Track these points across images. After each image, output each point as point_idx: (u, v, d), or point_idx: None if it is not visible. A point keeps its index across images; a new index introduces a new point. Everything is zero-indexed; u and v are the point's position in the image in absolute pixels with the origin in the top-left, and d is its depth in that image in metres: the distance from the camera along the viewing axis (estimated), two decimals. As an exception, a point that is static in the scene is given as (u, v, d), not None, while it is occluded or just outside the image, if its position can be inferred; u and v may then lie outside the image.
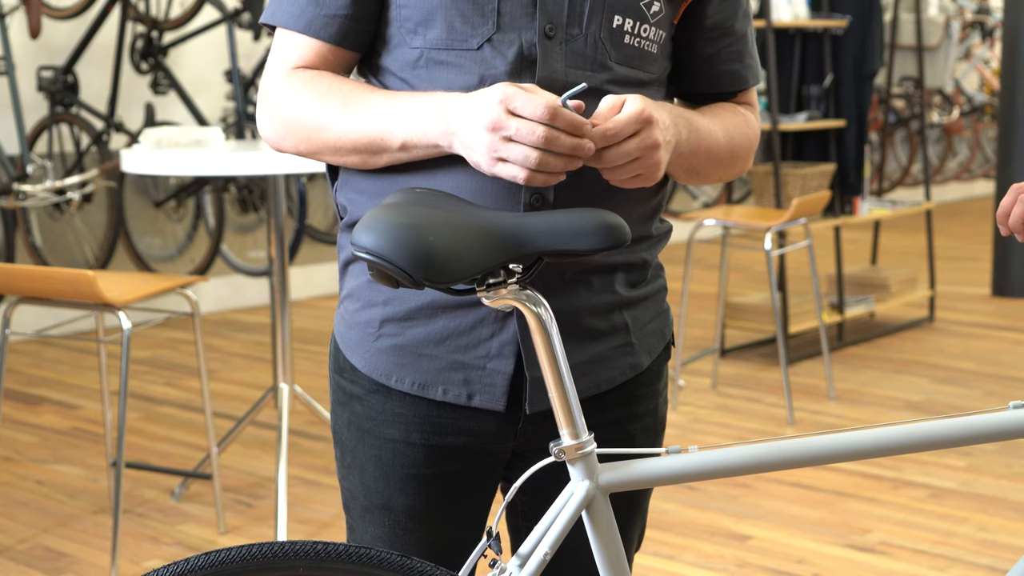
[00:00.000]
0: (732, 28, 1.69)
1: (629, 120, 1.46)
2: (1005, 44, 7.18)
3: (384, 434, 1.64)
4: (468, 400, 1.61)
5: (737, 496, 4.02)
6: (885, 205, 6.38)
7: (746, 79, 1.72)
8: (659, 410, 1.74)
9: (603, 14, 1.57)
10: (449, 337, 1.60)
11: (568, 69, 1.56)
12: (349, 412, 1.67)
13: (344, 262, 1.69)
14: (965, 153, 11.35)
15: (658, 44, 1.62)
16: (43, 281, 3.39)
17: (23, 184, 5.82)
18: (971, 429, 1.47)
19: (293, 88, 1.60)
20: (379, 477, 1.65)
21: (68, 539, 3.71)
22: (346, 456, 1.69)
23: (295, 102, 1.59)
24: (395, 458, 1.64)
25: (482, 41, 1.55)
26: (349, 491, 1.70)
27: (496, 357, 1.60)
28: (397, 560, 1.46)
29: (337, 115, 1.56)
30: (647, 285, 1.69)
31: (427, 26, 1.56)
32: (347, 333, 1.67)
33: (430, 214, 1.43)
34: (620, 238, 1.43)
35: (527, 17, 1.55)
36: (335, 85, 1.58)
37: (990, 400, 5.07)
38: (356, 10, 1.60)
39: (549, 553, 1.46)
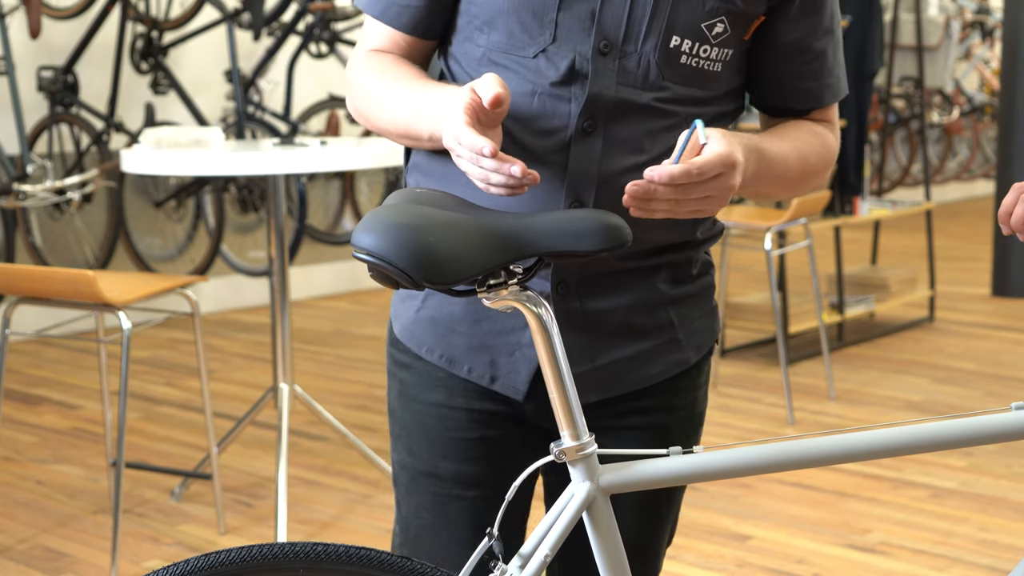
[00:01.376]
0: (809, 47, 1.66)
1: (715, 162, 1.44)
2: (1005, 44, 7.18)
3: (429, 399, 1.68)
4: (491, 383, 1.65)
5: (737, 496, 4.01)
6: (885, 205, 6.38)
7: (821, 97, 1.69)
8: (698, 405, 1.77)
9: (660, 34, 1.57)
10: (484, 320, 1.64)
11: (619, 87, 1.57)
12: (399, 382, 1.72)
13: None
14: (965, 153, 11.35)
15: (723, 63, 1.61)
16: (43, 281, 3.39)
17: (23, 184, 5.82)
18: (973, 430, 1.47)
19: (361, 70, 1.68)
20: (424, 442, 1.68)
21: (68, 539, 3.71)
22: (395, 426, 1.73)
23: (360, 84, 1.68)
24: (439, 422, 1.67)
25: (538, 51, 1.58)
26: (398, 463, 1.73)
27: (527, 346, 1.62)
28: (397, 561, 1.46)
29: (384, 101, 1.64)
30: (693, 283, 1.70)
31: (491, 28, 1.61)
32: (399, 306, 1.73)
33: (430, 214, 1.43)
34: (621, 239, 1.43)
35: (583, 32, 1.57)
36: (390, 71, 1.65)
37: (990, 400, 5.07)
38: (429, 1, 1.65)
39: (550, 555, 1.46)
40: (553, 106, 1.58)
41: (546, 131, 1.58)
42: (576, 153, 1.57)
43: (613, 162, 1.58)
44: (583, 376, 1.61)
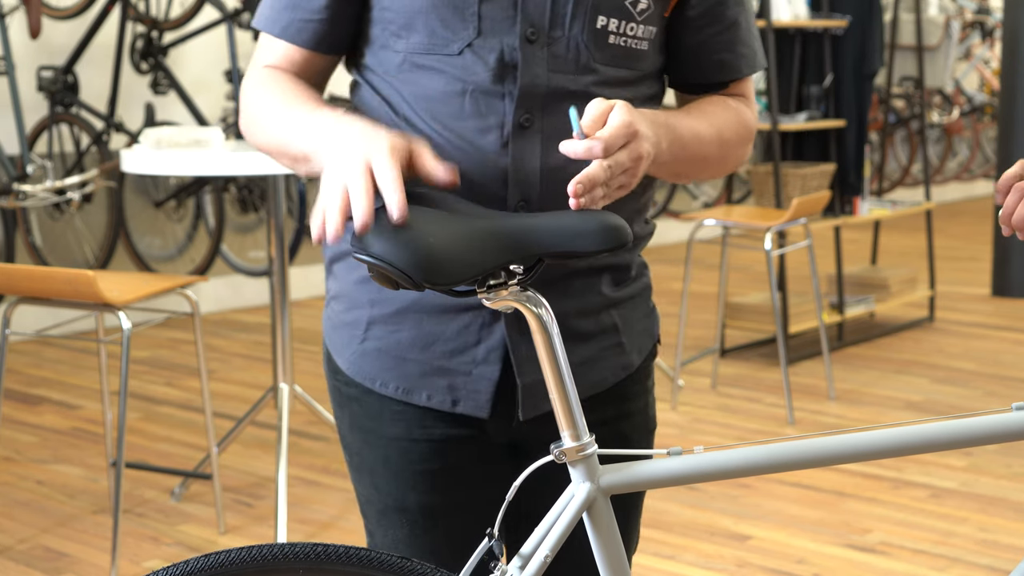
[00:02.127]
0: (722, 15, 1.64)
1: (620, 132, 1.41)
2: (1005, 44, 7.18)
3: (387, 433, 1.63)
4: (452, 407, 1.60)
5: (737, 496, 4.01)
6: (885, 205, 6.38)
7: (738, 68, 1.67)
8: (650, 408, 1.75)
9: (586, 15, 1.54)
10: (436, 342, 1.59)
11: (551, 74, 1.54)
12: (349, 413, 1.66)
13: (329, 260, 1.68)
14: (965, 153, 11.35)
15: (648, 40, 1.59)
16: (43, 281, 3.39)
17: (23, 184, 5.82)
18: (973, 430, 1.47)
19: (253, 87, 1.62)
20: (389, 478, 1.63)
21: (68, 539, 3.71)
22: (354, 459, 1.68)
23: (249, 98, 1.61)
24: (402, 456, 1.62)
25: (463, 46, 1.53)
26: (363, 495, 1.68)
27: (482, 363, 1.59)
28: (397, 562, 1.46)
29: (273, 123, 1.57)
30: (632, 284, 1.68)
31: (410, 30, 1.55)
32: (334, 335, 1.66)
33: (430, 215, 1.43)
34: (622, 239, 1.43)
35: (508, 21, 1.52)
36: (284, 90, 1.59)
37: (990, 400, 5.07)
38: (333, 14, 1.59)
39: (550, 555, 1.45)
40: (487, 103, 1.53)
41: (483, 130, 1.54)
42: (516, 150, 1.54)
43: (555, 155, 1.53)
44: (534, 385, 1.59)
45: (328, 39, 1.61)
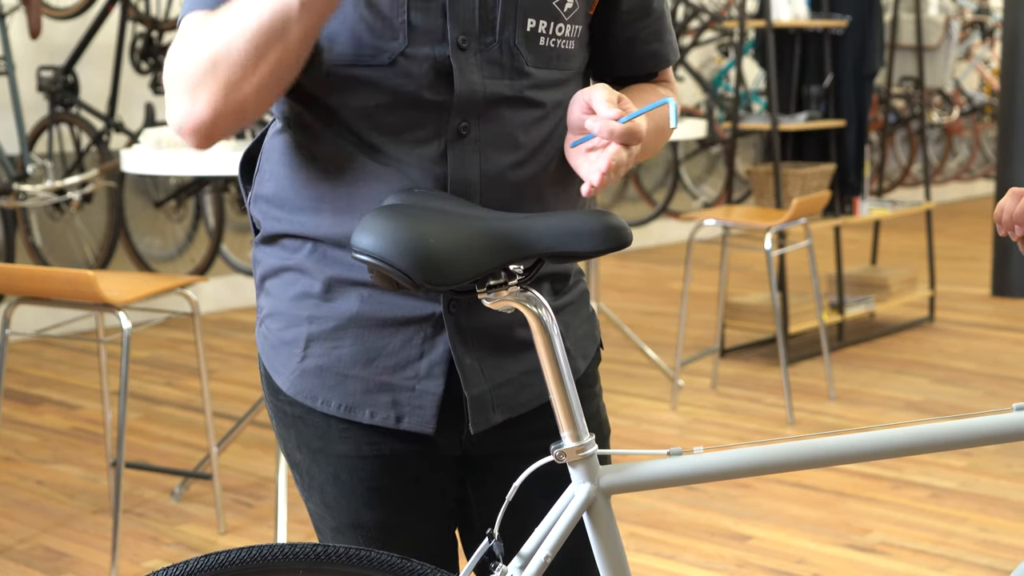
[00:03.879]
0: (650, 8, 1.65)
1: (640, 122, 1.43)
2: (1005, 44, 7.18)
3: (336, 451, 1.58)
4: (396, 423, 1.56)
5: (737, 496, 4.01)
6: (885, 205, 6.38)
7: (667, 57, 1.70)
8: (601, 413, 1.73)
9: (516, 19, 1.52)
10: (377, 358, 1.55)
11: (486, 80, 1.51)
12: (295, 433, 1.61)
13: (261, 278, 1.62)
14: (965, 153, 11.34)
15: (575, 40, 1.58)
16: (43, 281, 3.39)
17: (23, 184, 5.82)
18: (973, 431, 1.47)
19: (184, 43, 1.46)
20: (340, 496, 1.60)
21: (68, 539, 3.71)
22: (303, 478, 1.63)
23: (188, 51, 1.44)
24: (352, 474, 1.58)
25: (394, 56, 1.48)
26: (316, 514, 1.64)
27: (425, 378, 1.55)
28: (397, 562, 1.46)
29: (230, 22, 1.41)
30: (571, 291, 1.67)
31: (333, 41, 1.48)
32: (272, 354, 1.61)
33: (430, 216, 1.43)
34: (622, 239, 1.43)
35: (438, 30, 1.49)
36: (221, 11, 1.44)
37: (990, 400, 5.07)
38: None
39: (550, 556, 1.45)
40: (422, 114, 1.50)
41: (419, 141, 1.50)
42: (454, 159, 1.50)
43: (492, 163, 1.52)
44: (481, 397, 1.56)
45: None
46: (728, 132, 6.62)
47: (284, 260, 1.58)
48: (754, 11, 6.44)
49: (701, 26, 8.76)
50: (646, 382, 5.35)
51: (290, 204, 1.56)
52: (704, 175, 9.46)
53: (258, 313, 1.65)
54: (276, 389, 1.61)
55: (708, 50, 9.39)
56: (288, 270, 1.58)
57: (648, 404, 5.03)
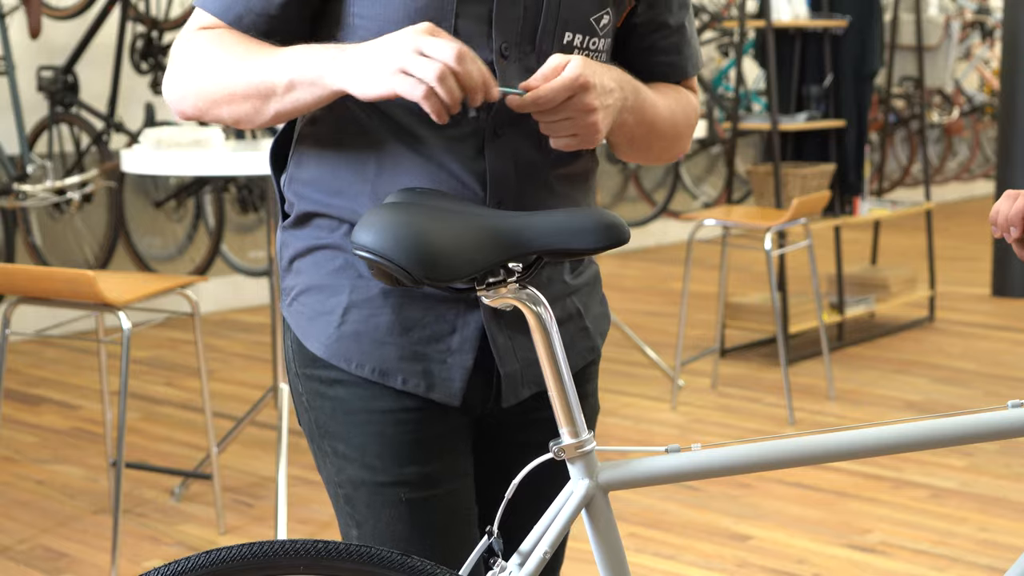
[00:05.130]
0: (665, 22, 1.70)
1: (562, 86, 1.47)
2: (1005, 44, 7.18)
3: (380, 407, 1.62)
4: (427, 391, 1.61)
5: (737, 496, 4.01)
6: (885, 205, 6.38)
7: (684, 70, 1.74)
8: (597, 391, 1.80)
9: (555, 32, 1.58)
10: (413, 328, 1.60)
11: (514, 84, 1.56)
12: (331, 400, 1.64)
13: (290, 259, 1.67)
14: (965, 153, 11.35)
15: (606, 53, 1.65)
16: (43, 281, 3.39)
17: (23, 184, 5.82)
18: (970, 428, 1.47)
19: (200, 43, 1.56)
20: (384, 451, 1.62)
21: (68, 539, 3.71)
22: (338, 447, 1.65)
23: (199, 54, 1.56)
24: (399, 427, 1.62)
25: None
26: (352, 482, 1.64)
27: (456, 352, 1.60)
28: (398, 559, 1.46)
29: (236, 62, 1.53)
30: (587, 272, 1.74)
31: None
32: (307, 326, 1.65)
33: (430, 213, 1.43)
34: (620, 237, 1.44)
35: (483, 36, 1.55)
36: (242, 39, 1.55)
37: (990, 400, 5.07)
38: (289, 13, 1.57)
39: (549, 552, 1.46)
40: (462, 115, 1.55)
41: (459, 138, 1.56)
42: (491, 156, 1.57)
43: (525, 161, 1.59)
44: (513, 374, 1.63)
45: (282, 34, 1.57)
46: (728, 132, 6.63)
47: (318, 240, 1.63)
48: (754, 11, 6.44)
49: (701, 26, 8.76)
50: (646, 382, 5.35)
51: (328, 186, 1.61)
52: (704, 175, 9.46)
53: (285, 295, 1.68)
54: (311, 358, 1.64)
55: (708, 50, 9.40)
56: (323, 248, 1.63)
57: (648, 404, 5.03)
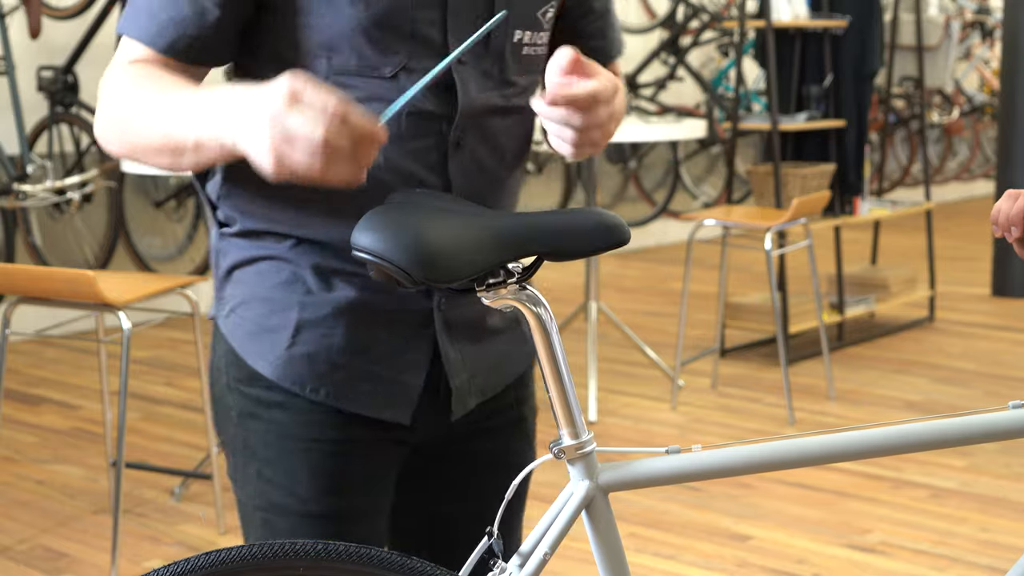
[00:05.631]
0: (591, 7, 1.70)
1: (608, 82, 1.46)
2: (1005, 44, 7.18)
3: (321, 435, 1.57)
4: (379, 411, 1.57)
5: (737, 496, 4.02)
6: (885, 205, 6.38)
7: (609, 53, 1.74)
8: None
9: (506, 33, 1.56)
10: (368, 348, 1.56)
11: (483, 92, 1.56)
12: (267, 423, 1.57)
13: (228, 268, 1.61)
14: (965, 153, 11.34)
15: (546, 45, 1.63)
16: (43, 281, 3.39)
17: (23, 184, 5.82)
18: (971, 429, 1.47)
19: (123, 84, 1.48)
20: (318, 484, 1.57)
21: (68, 539, 3.71)
22: (265, 471, 1.58)
23: (121, 98, 1.47)
24: (335, 457, 1.57)
25: (396, 70, 1.50)
26: (273, 508, 1.58)
27: (410, 369, 1.58)
28: (397, 560, 1.46)
29: (151, 113, 1.44)
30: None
31: (331, 51, 1.49)
32: (249, 342, 1.57)
33: (430, 213, 1.43)
34: (620, 238, 1.43)
35: (441, 44, 1.51)
36: (161, 81, 1.46)
37: (990, 400, 5.07)
38: (225, 26, 1.49)
39: (549, 553, 1.45)
40: (425, 125, 1.52)
41: (420, 150, 1.53)
42: (455, 168, 1.55)
43: (486, 168, 1.58)
44: (462, 386, 1.61)
45: (217, 53, 1.51)
46: (728, 132, 6.63)
47: (263, 250, 1.57)
48: (754, 11, 6.44)
49: (701, 26, 8.76)
50: (646, 382, 5.35)
51: (274, 203, 1.54)
52: (704, 175, 9.46)
53: (221, 304, 1.61)
54: (252, 376, 1.57)
55: (708, 50, 9.40)
56: (268, 259, 1.57)
57: (648, 404, 5.03)
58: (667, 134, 5.58)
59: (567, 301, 6.18)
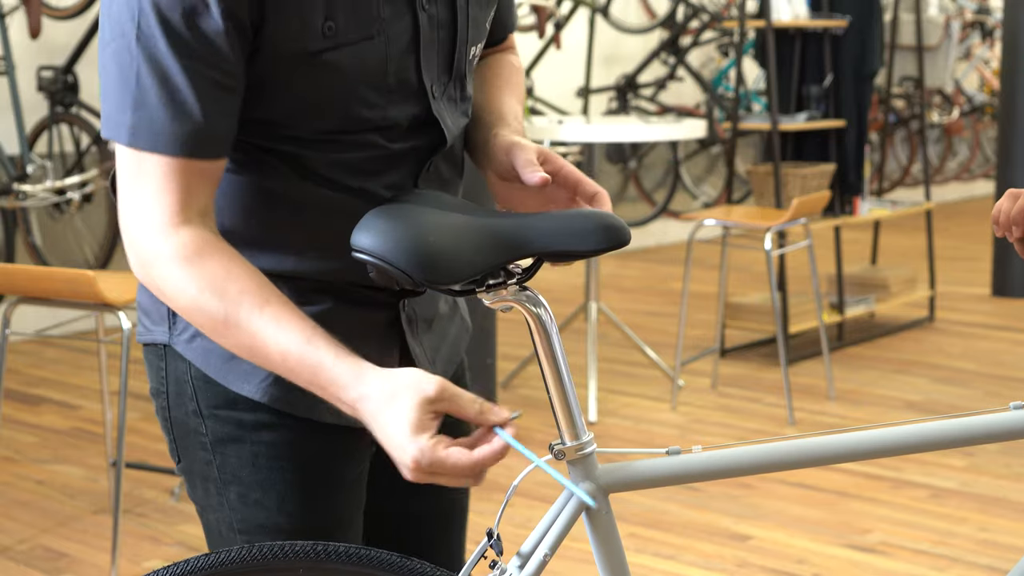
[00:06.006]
0: None
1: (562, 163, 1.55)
2: (1005, 44, 7.18)
3: (310, 451, 1.56)
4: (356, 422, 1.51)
5: (737, 496, 4.01)
6: (885, 205, 6.38)
7: (512, 25, 1.77)
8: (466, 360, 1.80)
9: (464, 53, 1.56)
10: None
11: (454, 123, 1.56)
12: (254, 445, 1.54)
13: None
14: (965, 153, 11.34)
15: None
16: (43, 281, 3.39)
17: (23, 184, 5.82)
18: (972, 430, 1.47)
19: (182, 284, 1.40)
20: (307, 499, 1.55)
21: (68, 539, 3.71)
22: (250, 495, 1.55)
23: (173, 288, 1.42)
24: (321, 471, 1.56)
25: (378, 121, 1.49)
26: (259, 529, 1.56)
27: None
28: (397, 561, 1.46)
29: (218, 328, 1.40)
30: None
31: (320, 114, 1.47)
32: (225, 366, 1.53)
33: (430, 214, 1.43)
34: (621, 238, 1.43)
35: (418, 85, 1.51)
36: (218, 287, 1.39)
37: (990, 400, 5.07)
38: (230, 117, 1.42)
39: (549, 554, 1.45)
40: (402, 158, 1.53)
41: (395, 182, 1.53)
42: (422, 187, 1.56)
43: (446, 179, 1.60)
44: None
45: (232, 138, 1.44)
46: (728, 132, 6.63)
47: None
48: (754, 11, 6.44)
49: (701, 26, 8.76)
50: (646, 382, 5.35)
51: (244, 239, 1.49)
52: (704, 175, 9.46)
53: (178, 329, 1.55)
54: (231, 400, 1.54)
55: (708, 50, 9.40)
56: None
57: (648, 404, 5.03)
58: (667, 134, 5.58)
59: (567, 301, 6.18)
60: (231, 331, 1.39)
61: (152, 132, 1.38)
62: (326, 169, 1.49)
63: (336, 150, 1.49)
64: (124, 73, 1.38)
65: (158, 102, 1.37)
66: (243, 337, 1.39)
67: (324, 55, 1.42)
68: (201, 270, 1.40)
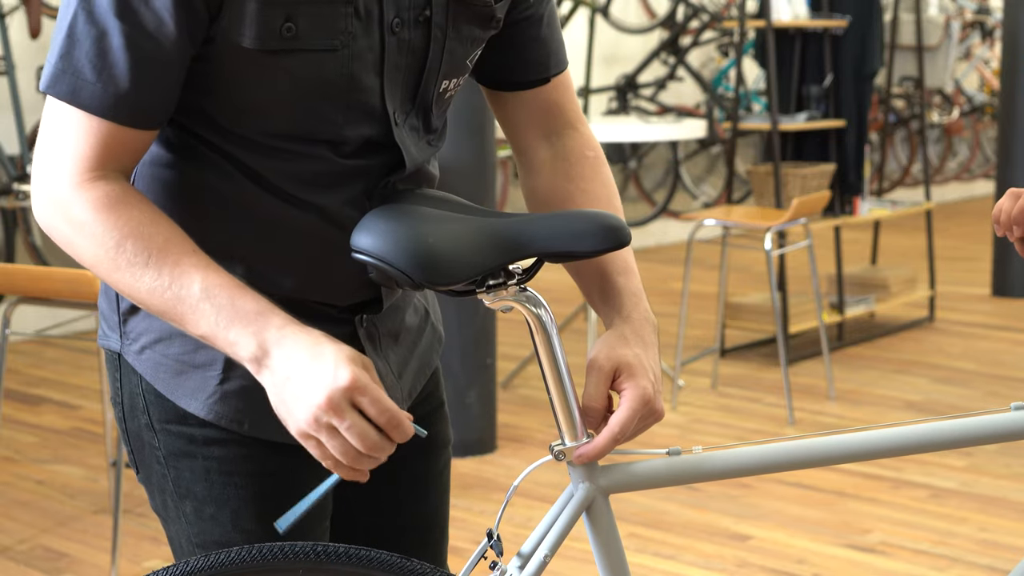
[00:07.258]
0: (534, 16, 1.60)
1: (633, 416, 1.45)
2: (1005, 44, 7.18)
3: (262, 468, 1.52)
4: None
5: (737, 496, 4.01)
6: (885, 205, 6.38)
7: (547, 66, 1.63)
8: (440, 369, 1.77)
9: (434, 85, 1.52)
10: None
11: (417, 152, 1.52)
12: (206, 461, 1.50)
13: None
14: (965, 153, 11.34)
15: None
16: (43, 281, 3.39)
17: (23, 184, 5.82)
18: (972, 430, 1.47)
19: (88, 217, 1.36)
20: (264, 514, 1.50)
21: (68, 539, 3.71)
22: (205, 510, 1.52)
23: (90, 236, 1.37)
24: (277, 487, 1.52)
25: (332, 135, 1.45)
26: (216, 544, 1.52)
27: None
28: (397, 561, 1.46)
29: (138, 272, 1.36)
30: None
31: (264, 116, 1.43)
32: (174, 381, 1.49)
33: (430, 215, 1.43)
34: (621, 239, 1.43)
35: (379, 106, 1.47)
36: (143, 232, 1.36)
37: (990, 400, 5.07)
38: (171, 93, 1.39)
39: (549, 555, 1.45)
40: (353, 176, 1.48)
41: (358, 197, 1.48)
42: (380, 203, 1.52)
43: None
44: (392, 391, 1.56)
45: (162, 114, 1.40)
46: (728, 132, 6.63)
47: None
48: (754, 11, 6.44)
49: (701, 26, 8.76)
50: (646, 382, 5.34)
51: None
52: (704, 175, 9.46)
53: (127, 339, 1.52)
54: (180, 415, 1.50)
55: (708, 50, 9.40)
56: None
57: (648, 404, 5.03)
58: (667, 134, 5.59)
59: (567, 301, 6.17)
60: (150, 272, 1.35)
61: (73, 85, 1.36)
62: (276, 177, 1.45)
63: (284, 158, 1.45)
64: (65, 22, 1.37)
65: (86, 57, 1.35)
66: (164, 278, 1.34)
67: (279, 57, 1.39)
68: (124, 216, 1.36)
